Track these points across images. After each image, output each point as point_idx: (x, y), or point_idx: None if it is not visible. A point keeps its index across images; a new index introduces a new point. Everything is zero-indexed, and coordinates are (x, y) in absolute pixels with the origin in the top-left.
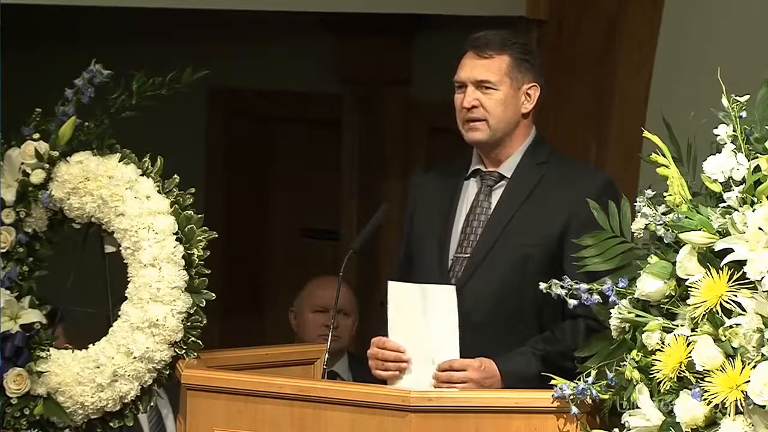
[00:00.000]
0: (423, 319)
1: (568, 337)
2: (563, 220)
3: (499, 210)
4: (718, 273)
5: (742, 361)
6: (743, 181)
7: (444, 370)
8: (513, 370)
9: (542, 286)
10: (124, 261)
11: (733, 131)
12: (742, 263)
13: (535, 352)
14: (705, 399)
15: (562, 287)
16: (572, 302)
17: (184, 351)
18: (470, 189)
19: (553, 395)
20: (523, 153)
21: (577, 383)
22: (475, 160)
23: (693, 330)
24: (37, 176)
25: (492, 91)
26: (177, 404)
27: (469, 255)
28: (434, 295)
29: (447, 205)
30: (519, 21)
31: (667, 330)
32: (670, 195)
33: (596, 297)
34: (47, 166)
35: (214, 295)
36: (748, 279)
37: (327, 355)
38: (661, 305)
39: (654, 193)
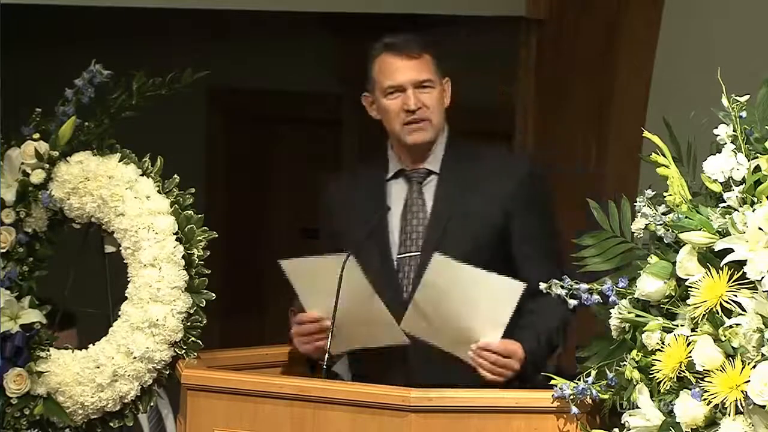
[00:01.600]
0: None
1: (549, 314)
2: (504, 206)
3: (438, 204)
4: (718, 273)
5: (742, 361)
6: (743, 181)
7: (487, 350)
8: (530, 349)
9: (542, 286)
10: (124, 261)
11: (733, 131)
12: (742, 263)
13: (538, 333)
14: (705, 399)
15: (562, 287)
16: (572, 302)
17: (184, 351)
18: (396, 189)
19: (553, 395)
20: (445, 146)
21: (577, 383)
22: (393, 162)
23: (693, 330)
24: (37, 176)
25: (430, 90)
26: (177, 403)
27: (418, 253)
28: (496, 285)
29: (373, 209)
30: (519, 21)
31: (667, 330)
32: (670, 195)
33: (596, 297)
34: (47, 166)
35: (214, 295)
36: (748, 279)
37: (327, 355)
38: (661, 305)
39: (654, 193)
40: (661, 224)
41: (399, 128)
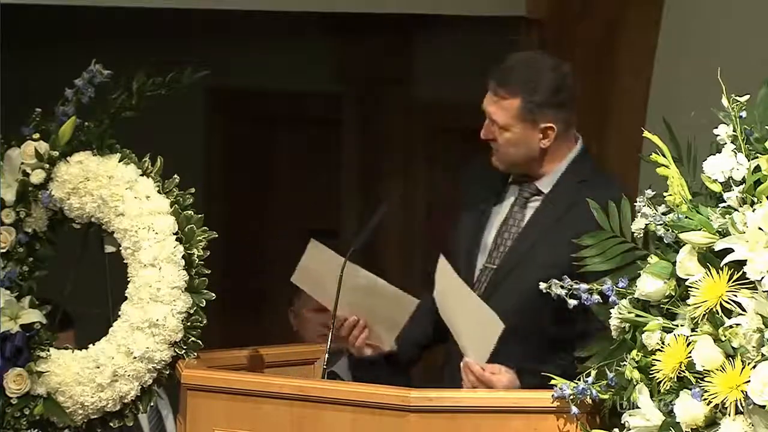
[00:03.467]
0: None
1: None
2: None
3: (530, 226)
4: (718, 273)
5: (742, 361)
6: (743, 181)
7: (470, 370)
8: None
9: (542, 286)
10: (124, 261)
11: (733, 131)
12: (742, 263)
13: (554, 369)
14: (705, 399)
15: (562, 287)
16: (572, 302)
17: (184, 351)
18: (507, 199)
19: (553, 395)
20: (564, 170)
21: (577, 383)
22: None
23: (693, 330)
24: (37, 176)
25: (501, 131)
26: (177, 403)
27: (495, 266)
28: (482, 313)
29: (486, 209)
30: (519, 21)
31: (667, 330)
32: (670, 195)
33: (596, 297)
34: (47, 166)
35: (214, 295)
36: (748, 279)
37: (327, 355)
38: (661, 305)
39: (654, 193)
40: (661, 224)
41: None
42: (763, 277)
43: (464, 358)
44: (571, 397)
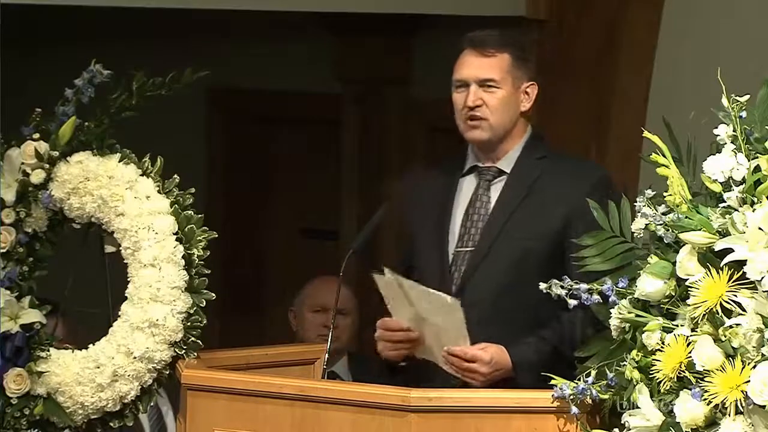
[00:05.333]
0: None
1: (569, 327)
2: (564, 214)
3: (500, 203)
4: (718, 273)
5: (742, 361)
6: (743, 181)
7: (453, 354)
8: (524, 358)
9: (542, 286)
10: (124, 261)
11: (733, 131)
12: (742, 263)
13: (541, 339)
14: (705, 399)
15: (562, 287)
16: (572, 302)
17: (184, 351)
18: (467, 185)
19: (553, 395)
20: (522, 148)
21: (577, 383)
22: (471, 157)
23: (693, 330)
24: (37, 176)
25: (495, 90)
26: (177, 403)
27: (472, 249)
28: (440, 304)
29: (443, 201)
30: (519, 21)
31: (667, 330)
32: (670, 195)
33: (596, 297)
34: (47, 166)
35: (214, 295)
36: (748, 279)
37: (327, 355)
38: (661, 305)
39: (654, 193)
40: (661, 224)
41: (461, 124)
42: (763, 277)
43: (445, 348)
44: (571, 397)
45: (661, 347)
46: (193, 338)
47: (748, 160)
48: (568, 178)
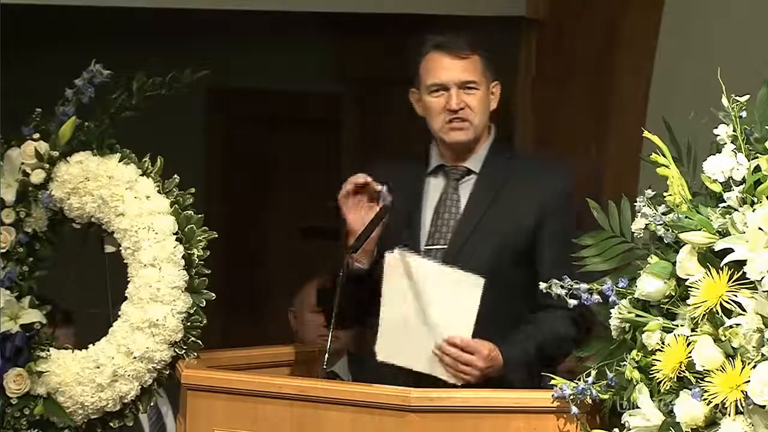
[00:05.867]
0: (436, 299)
1: (548, 325)
2: (535, 212)
3: (472, 201)
4: (718, 273)
5: (742, 361)
6: (743, 181)
7: (452, 344)
8: (513, 356)
9: (542, 286)
10: (124, 261)
11: (733, 131)
12: (742, 263)
13: (526, 336)
14: (705, 399)
15: (562, 287)
16: (572, 302)
17: (184, 351)
18: (434, 185)
19: (553, 395)
20: (489, 148)
21: (577, 383)
22: (435, 157)
23: (693, 330)
24: (37, 176)
25: (475, 91)
26: (177, 403)
27: (444, 246)
28: (458, 281)
29: (413, 199)
30: (519, 21)
31: (667, 330)
32: (670, 195)
33: (596, 297)
34: (47, 166)
35: (214, 295)
36: (748, 279)
37: (327, 355)
38: (661, 305)
39: (654, 193)
40: (661, 224)
41: (440, 126)
42: (763, 277)
43: (444, 336)
44: (571, 397)
45: (661, 347)
46: (193, 338)
47: (748, 160)
48: (537, 177)
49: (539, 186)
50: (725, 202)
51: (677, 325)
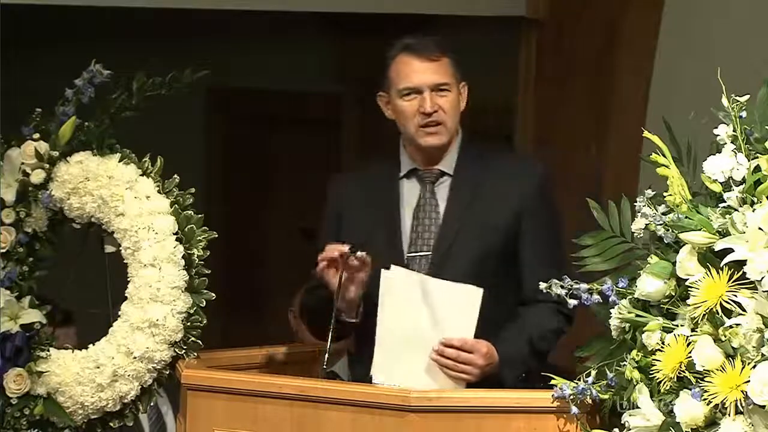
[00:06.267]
0: (433, 313)
1: (537, 319)
2: (513, 210)
3: (451, 205)
4: (718, 273)
5: (742, 361)
6: (743, 181)
7: (449, 346)
8: (507, 354)
9: (542, 285)
10: (124, 261)
11: (733, 131)
12: (742, 263)
13: (520, 334)
14: (705, 399)
15: (562, 287)
16: (572, 302)
17: (184, 351)
18: (408, 188)
19: (553, 395)
20: (459, 149)
21: (577, 383)
22: (406, 161)
23: (693, 330)
24: (37, 176)
25: (447, 94)
26: (177, 403)
27: (428, 253)
28: (455, 293)
29: (386, 207)
30: (519, 21)
31: (667, 330)
32: (670, 195)
33: (596, 297)
34: (47, 166)
35: (214, 295)
36: (748, 279)
37: (327, 355)
38: (661, 305)
39: (654, 193)
40: (661, 224)
41: (414, 130)
42: (763, 277)
43: (442, 339)
44: (571, 397)
45: (661, 347)
46: (193, 338)
47: (748, 160)
48: (511, 176)
49: (513, 186)
50: (725, 202)
51: (677, 325)
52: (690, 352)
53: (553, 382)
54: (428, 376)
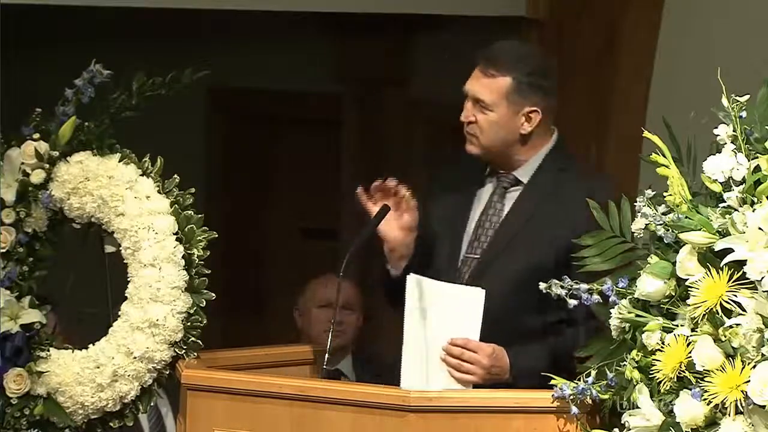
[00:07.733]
0: (442, 317)
1: (567, 341)
2: (576, 225)
3: (512, 215)
4: (718, 273)
5: (742, 361)
6: (743, 181)
7: (454, 345)
8: (523, 363)
9: (542, 286)
10: (124, 261)
11: (733, 131)
12: (742, 263)
13: (542, 347)
14: (705, 399)
15: (562, 287)
16: (572, 302)
17: (184, 351)
18: (486, 189)
19: (553, 395)
20: (543, 158)
21: (577, 383)
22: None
23: (693, 330)
24: (37, 176)
25: (486, 112)
26: (177, 403)
27: (478, 257)
28: (460, 295)
29: (464, 203)
30: (519, 21)
31: (667, 330)
32: (670, 195)
33: (596, 297)
34: (47, 166)
35: (214, 295)
36: (748, 279)
37: (327, 355)
38: (661, 305)
39: (654, 193)
40: (661, 224)
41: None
42: (763, 277)
43: (450, 339)
44: (571, 397)
45: (661, 347)
46: (193, 338)
47: (748, 160)
48: (581, 195)
49: (579, 206)
50: (725, 202)
51: (677, 325)
52: (690, 352)
53: (553, 382)
54: (444, 376)
